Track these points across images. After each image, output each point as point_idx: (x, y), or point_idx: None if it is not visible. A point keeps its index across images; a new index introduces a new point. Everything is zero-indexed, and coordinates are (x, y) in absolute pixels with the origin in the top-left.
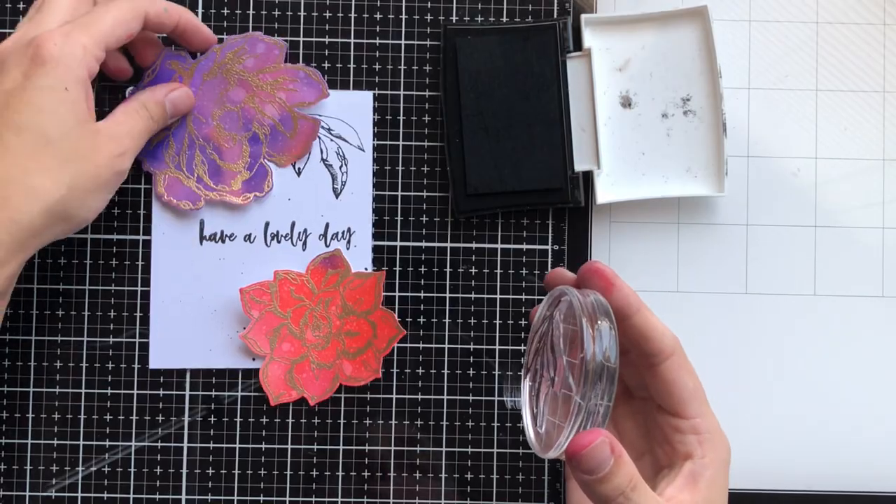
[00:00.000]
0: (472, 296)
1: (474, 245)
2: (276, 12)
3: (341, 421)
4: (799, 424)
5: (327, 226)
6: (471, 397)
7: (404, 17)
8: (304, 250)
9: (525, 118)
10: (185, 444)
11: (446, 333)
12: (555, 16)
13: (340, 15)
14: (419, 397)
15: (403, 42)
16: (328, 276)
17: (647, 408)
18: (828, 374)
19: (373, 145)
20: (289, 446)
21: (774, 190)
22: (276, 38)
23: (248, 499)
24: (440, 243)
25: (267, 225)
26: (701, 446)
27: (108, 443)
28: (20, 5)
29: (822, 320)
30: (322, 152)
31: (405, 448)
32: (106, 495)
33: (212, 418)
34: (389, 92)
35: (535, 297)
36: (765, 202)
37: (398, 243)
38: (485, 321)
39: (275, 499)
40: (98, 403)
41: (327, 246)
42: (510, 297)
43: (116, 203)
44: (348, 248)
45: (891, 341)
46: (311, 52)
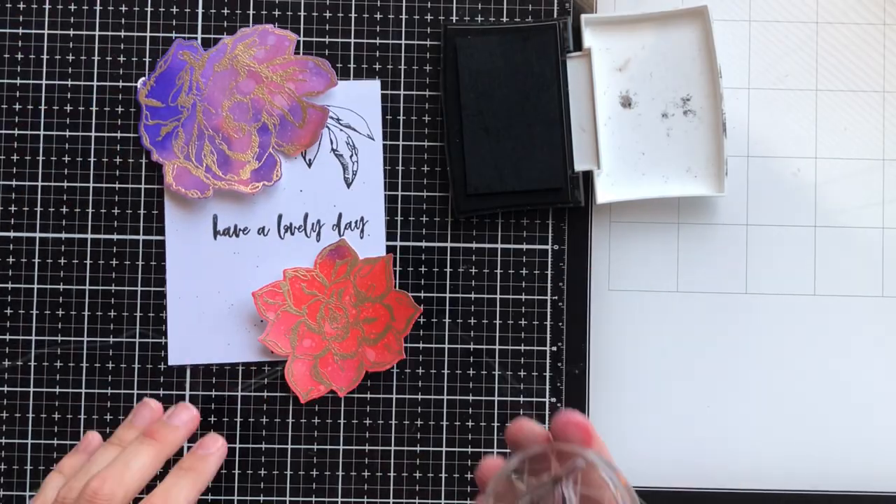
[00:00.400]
0: (472, 296)
1: (474, 245)
2: (277, 12)
3: (341, 421)
4: (799, 424)
5: (340, 216)
6: (471, 397)
7: (404, 17)
8: (319, 241)
9: (525, 118)
10: (185, 444)
11: (446, 333)
12: (555, 16)
13: (341, 15)
14: (419, 397)
15: (404, 42)
16: (337, 267)
17: None
18: (828, 374)
19: (382, 133)
20: (289, 446)
21: (774, 190)
22: (286, 30)
23: (248, 499)
24: (440, 243)
25: (280, 217)
26: None
27: None
28: (20, 5)
29: (822, 320)
30: (332, 142)
31: (405, 448)
32: None
33: (212, 418)
34: (390, 92)
35: (536, 296)
36: (765, 202)
37: (398, 243)
38: (485, 321)
39: (275, 499)
40: (98, 403)
41: (341, 236)
42: (510, 297)
43: (117, 203)
44: (362, 237)
45: (891, 341)
46: (311, 52)
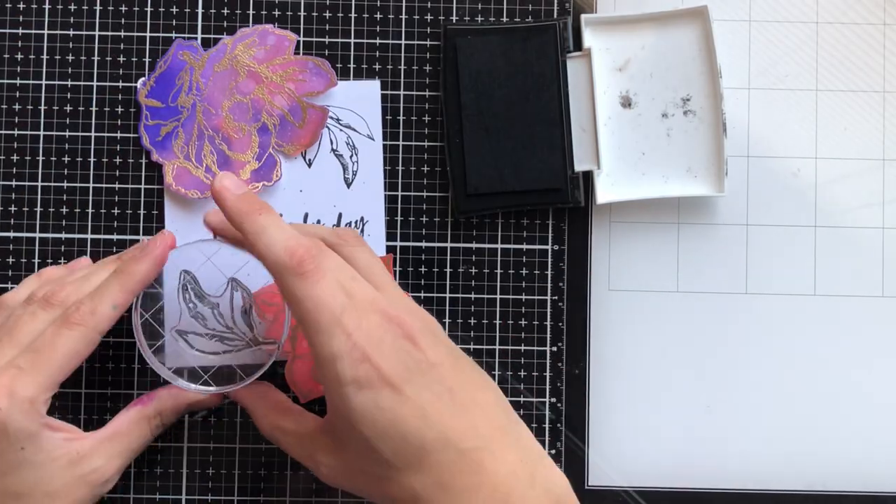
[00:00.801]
0: (472, 296)
1: (474, 245)
2: (277, 12)
3: None
4: (799, 424)
5: (340, 216)
6: None
7: (404, 17)
8: None
9: (525, 118)
10: (185, 444)
11: (446, 333)
12: (555, 16)
13: (341, 15)
14: None
15: (404, 42)
16: None
17: None
18: (828, 374)
19: (382, 133)
20: None
21: (774, 190)
22: (286, 30)
23: (248, 499)
24: (440, 243)
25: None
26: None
27: None
28: (20, 5)
29: (822, 320)
30: (332, 143)
31: None
32: (106, 496)
33: (212, 418)
34: (390, 92)
35: (536, 296)
36: (765, 202)
37: (398, 243)
38: (485, 321)
39: (275, 499)
40: (98, 404)
41: None
42: (510, 297)
43: (117, 203)
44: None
45: (891, 341)
46: (311, 53)
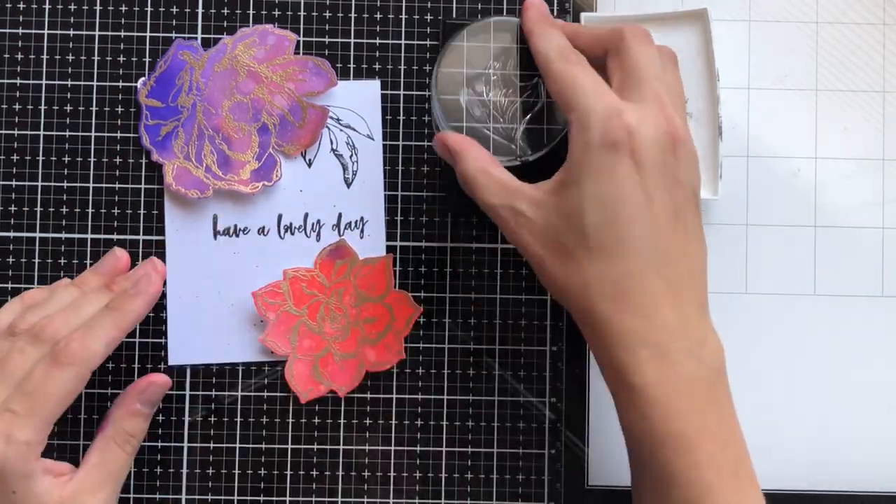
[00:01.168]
0: (472, 296)
1: (474, 245)
2: (277, 12)
3: (341, 421)
4: (799, 424)
5: (340, 216)
6: (471, 397)
7: (404, 17)
8: (319, 241)
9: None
10: (186, 444)
11: (446, 333)
12: (554, 15)
13: (341, 15)
14: (419, 397)
15: (404, 42)
16: (337, 267)
17: None
18: (828, 374)
19: (382, 133)
20: (289, 446)
21: (774, 190)
22: (286, 30)
23: (248, 499)
24: (440, 243)
25: (280, 217)
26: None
27: None
28: (20, 5)
29: (822, 320)
30: (332, 142)
31: (405, 448)
32: None
33: (212, 418)
34: (390, 92)
35: (536, 296)
36: (765, 202)
37: (398, 243)
38: (485, 321)
39: (275, 499)
40: (98, 404)
41: (341, 236)
42: (510, 297)
43: (117, 203)
44: (362, 237)
45: (891, 341)
46: (311, 53)
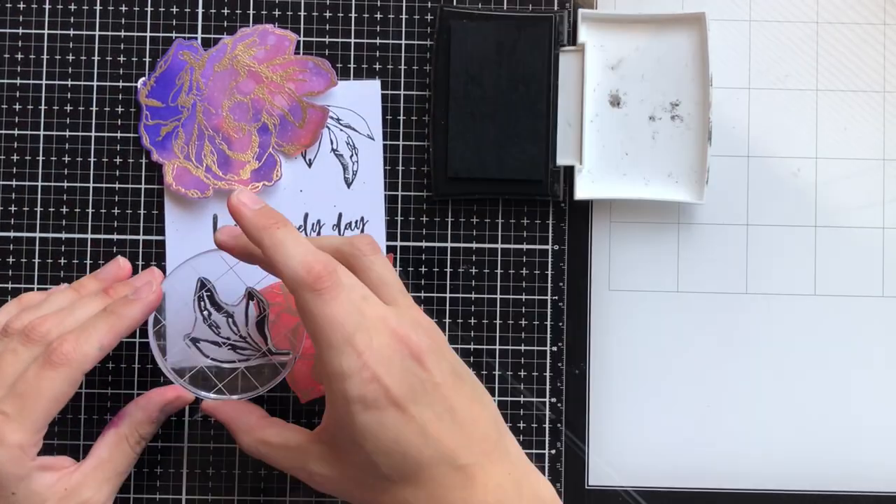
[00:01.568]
0: (472, 296)
1: (474, 245)
2: (277, 12)
3: None
4: (799, 424)
5: (340, 216)
6: None
7: (404, 16)
8: None
9: (512, 107)
10: (186, 444)
11: (446, 333)
12: (554, 9)
13: (340, 15)
14: None
15: (404, 42)
16: None
17: None
18: (828, 374)
19: (382, 133)
20: None
21: (774, 190)
22: (286, 30)
23: (248, 499)
24: (440, 243)
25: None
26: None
27: None
28: (20, 5)
29: (822, 320)
30: (332, 142)
31: None
32: None
33: (212, 418)
34: (390, 92)
35: (536, 296)
36: (765, 202)
37: (398, 243)
38: (485, 321)
39: (275, 499)
40: (98, 404)
41: (341, 236)
42: (510, 297)
43: (117, 203)
44: None
45: (891, 341)
46: (311, 52)
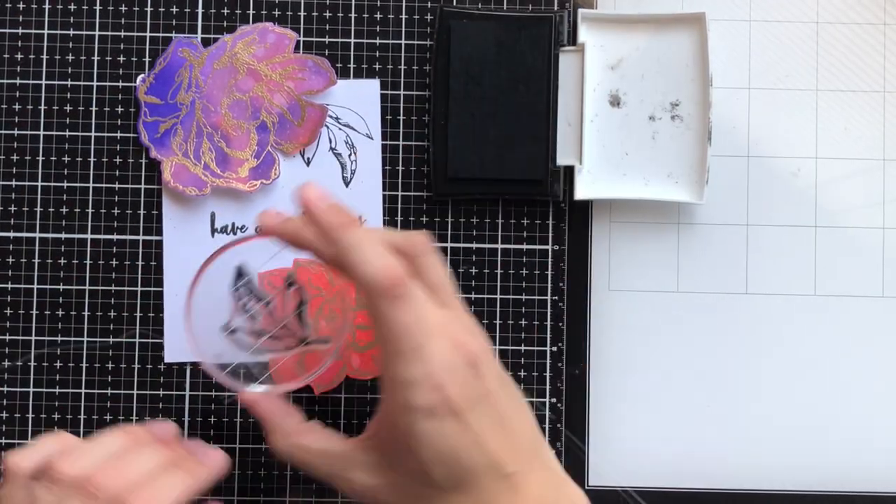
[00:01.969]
0: (472, 296)
1: (474, 245)
2: (276, 11)
3: (341, 421)
4: (799, 424)
5: None
6: None
7: (404, 16)
8: None
9: (512, 107)
10: None
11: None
12: (554, 9)
13: (340, 14)
14: None
15: (403, 42)
16: None
17: None
18: (828, 374)
19: (381, 133)
20: None
21: (774, 190)
22: (286, 28)
23: (248, 499)
24: (440, 243)
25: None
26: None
27: None
28: (20, 5)
29: (822, 320)
30: (330, 141)
31: None
32: None
33: (212, 418)
34: (389, 91)
35: (535, 297)
36: (765, 202)
37: None
38: (485, 321)
39: (275, 499)
40: (98, 403)
41: None
42: (510, 297)
43: (117, 203)
44: None
45: (891, 341)
46: (310, 51)
